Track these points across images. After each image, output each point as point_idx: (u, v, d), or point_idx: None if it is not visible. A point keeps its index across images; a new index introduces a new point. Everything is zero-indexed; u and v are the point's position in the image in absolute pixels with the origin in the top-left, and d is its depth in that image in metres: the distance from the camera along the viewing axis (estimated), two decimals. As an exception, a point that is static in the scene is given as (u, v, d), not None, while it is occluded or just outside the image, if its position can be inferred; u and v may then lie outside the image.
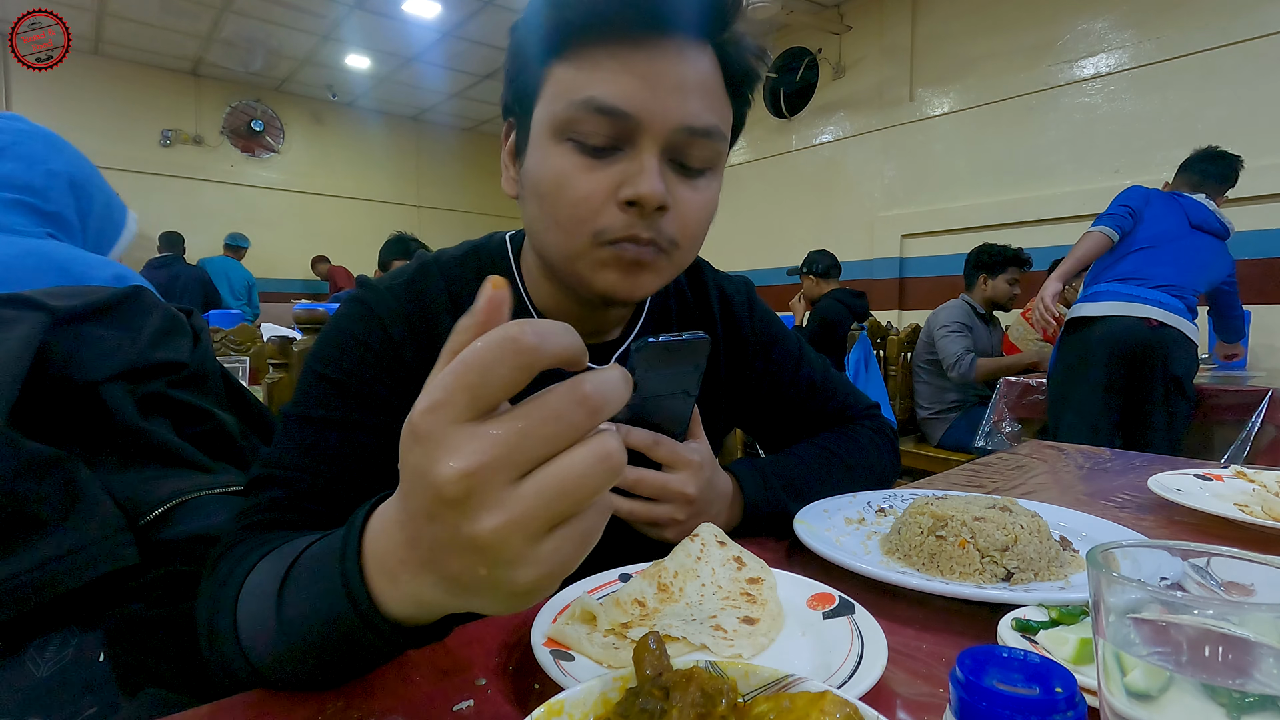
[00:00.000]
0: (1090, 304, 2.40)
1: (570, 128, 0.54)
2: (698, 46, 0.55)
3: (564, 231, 0.57)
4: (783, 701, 0.29)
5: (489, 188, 8.10)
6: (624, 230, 0.55)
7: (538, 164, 0.57)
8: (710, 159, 0.58)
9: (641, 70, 0.53)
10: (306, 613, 0.37)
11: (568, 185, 0.55)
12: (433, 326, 0.63)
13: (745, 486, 0.68)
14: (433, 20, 5.38)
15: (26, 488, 0.54)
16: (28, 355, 0.57)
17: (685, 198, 0.58)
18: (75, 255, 0.76)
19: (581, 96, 0.53)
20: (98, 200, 0.87)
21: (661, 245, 0.57)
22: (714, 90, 0.57)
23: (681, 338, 0.56)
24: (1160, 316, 2.27)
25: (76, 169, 0.84)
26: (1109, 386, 2.30)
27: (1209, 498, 0.79)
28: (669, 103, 0.54)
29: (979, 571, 0.55)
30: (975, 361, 2.91)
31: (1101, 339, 2.31)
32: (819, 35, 5.26)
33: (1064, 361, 2.43)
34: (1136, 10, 3.75)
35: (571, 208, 0.56)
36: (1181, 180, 2.51)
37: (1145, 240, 2.36)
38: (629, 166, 0.55)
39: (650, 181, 0.54)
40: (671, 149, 0.56)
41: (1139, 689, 0.25)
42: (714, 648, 0.43)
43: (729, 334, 0.79)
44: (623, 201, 0.54)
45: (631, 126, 0.54)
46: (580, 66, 0.54)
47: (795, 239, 5.35)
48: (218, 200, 6.63)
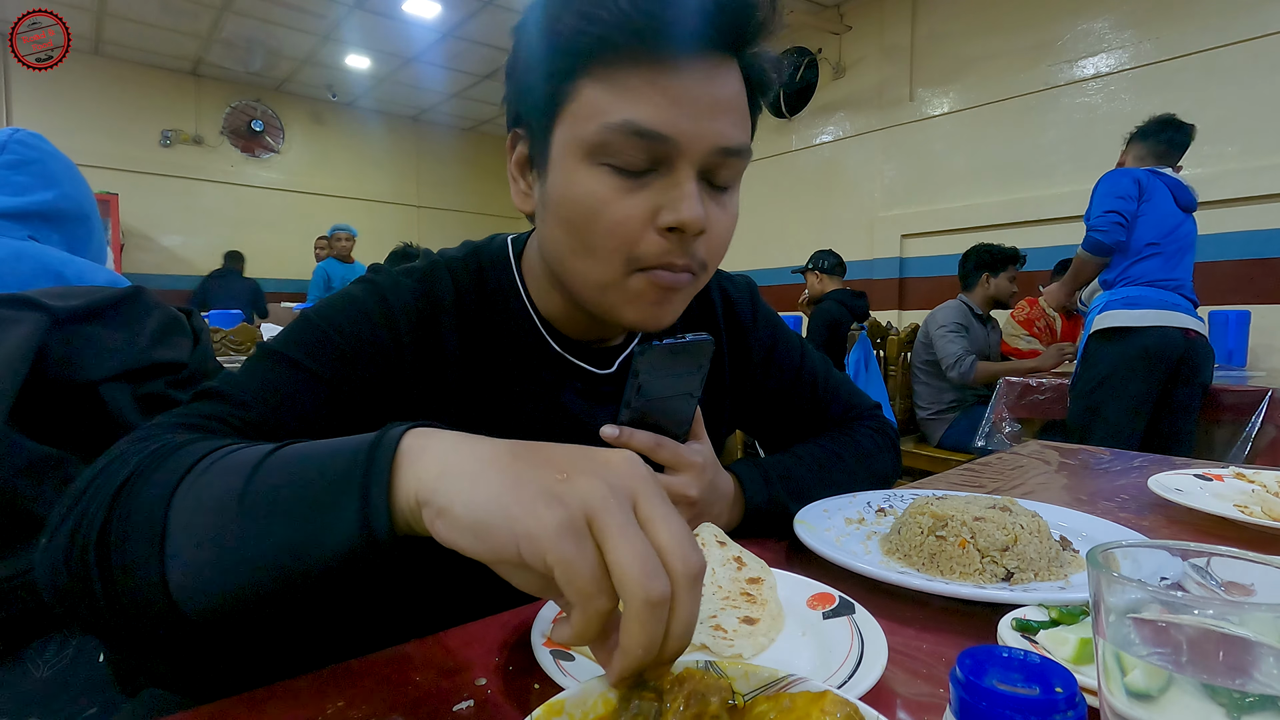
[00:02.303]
0: (1125, 311, 2.24)
1: (604, 151, 0.52)
2: (727, 63, 0.54)
3: (597, 259, 0.55)
4: (783, 701, 0.29)
5: (489, 188, 8.09)
6: (660, 257, 0.54)
7: (565, 187, 0.55)
8: (736, 176, 0.58)
9: (676, 93, 0.51)
10: (286, 485, 0.37)
11: (604, 211, 0.53)
12: (436, 325, 0.62)
13: (746, 487, 0.68)
14: (433, 20, 5.38)
15: (26, 488, 0.55)
16: (28, 355, 0.58)
17: (716, 218, 0.57)
18: (67, 259, 0.76)
19: (618, 120, 0.51)
20: (95, 234, 0.89)
21: (693, 270, 0.57)
22: (741, 107, 0.56)
23: (685, 339, 0.56)
24: (1197, 327, 2.20)
25: (89, 203, 0.87)
26: (1145, 398, 2.20)
27: (1209, 498, 0.79)
28: (705, 125, 0.52)
29: (979, 571, 0.55)
30: (975, 363, 2.90)
31: (1141, 352, 2.19)
32: (819, 35, 5.26)
33: (1094, 371, 2.29)
34: (1136, 10, 3.75)
35: (607, 234, 0.54)
36: (1144, 150, 2.37)
37: (1158, 233, 2.24)
38: (667, 190, 0.53)
39: (693, 207, 0.52)
40: (705, 170, 0.55)
41: (1139, 689, 0.25)
42: (714, 648, 0.43)
43: (732, 334, 0.79)
44: (662, 228, 0.53)
45: (669, 149, 0.52)
46: (612, 87, 0.52)
47: (795, 239, 5.35)
48: (218, 200, 6.62)
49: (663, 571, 0.29)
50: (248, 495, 0.37)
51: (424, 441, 0.36)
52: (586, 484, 0.30)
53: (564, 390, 0.67)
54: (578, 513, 0.29)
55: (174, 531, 0.38)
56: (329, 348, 0.57)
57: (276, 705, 0.40)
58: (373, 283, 0.62)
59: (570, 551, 0.29)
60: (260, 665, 0.45)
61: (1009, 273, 3.06)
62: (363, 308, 0.60)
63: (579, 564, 0.29)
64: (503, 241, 0.71)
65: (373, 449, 0.35)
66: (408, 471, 0.34)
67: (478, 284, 0.66)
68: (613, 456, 0.33)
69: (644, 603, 0.28)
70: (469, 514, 0.31)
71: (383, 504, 0.34)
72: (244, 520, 0.37)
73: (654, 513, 0.31)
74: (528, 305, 0.67)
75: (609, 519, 0.29)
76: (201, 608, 0.38)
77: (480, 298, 0.66)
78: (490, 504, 0.31)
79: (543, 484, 0.31)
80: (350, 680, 0.42)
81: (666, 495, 0.33)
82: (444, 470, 0.33)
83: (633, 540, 0.29)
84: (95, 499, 0.40)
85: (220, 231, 6.48)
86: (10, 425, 0.55)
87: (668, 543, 0.30)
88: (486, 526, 0.30)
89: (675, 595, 0.29)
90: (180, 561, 0.37)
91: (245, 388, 0.53)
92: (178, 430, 0.48)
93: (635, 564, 0.28)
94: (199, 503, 0.38)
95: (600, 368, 0.69)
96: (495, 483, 0.31)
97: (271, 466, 0.38)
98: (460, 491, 0.32)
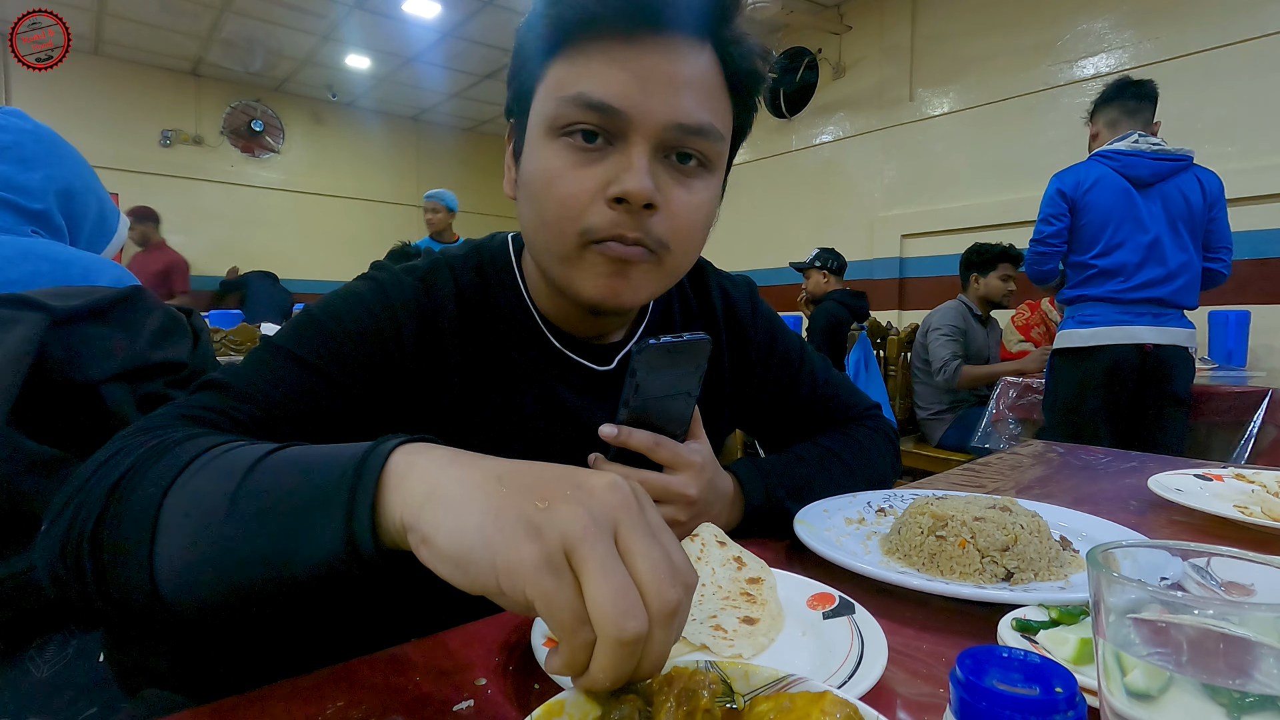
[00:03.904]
0: (1080, 330, 2.23)
1: (560, 124, 0.54)
2: (696, 44, 0.55)
3: (552, 230, 0.57)
4: (783, 701, 0.29)
5: (489, 188, 8.09)
6: (610, 229, 0.55)
7: (530, 163, 0.57)
8: (707, 158, 0.57)
9: (633, 66, 0.52)
10: (276, 492, 0.37)
11: (557, 182, 0.55)
12: (437, 322, 0.63)
13: (746, 486, 0.68)
14: (433, 20, 5.37)
15: (27, 487, 0.55)
16: (28, 355, 0.57)
17: (677, 197, 0.57)
18: (74, 256, 0.76)
19: (571, 92, 0.53)
20: (91, 207, 0.86)
21: (650, 246, 0.56)
22: (710, 89, 0.56)
23: (683, 338, 0.56)
24: (1154, 338, 2.13)
25: (75, 175, 0.83)
26: (1110, 415, 2.19)
27: (1209, 498, 0.79)
28: (660, 99, 0.53)
29: (979, 571, 0.55)
30: (960, 368, 2.93)
31: (1095, 372, 2.18)
32: (819, 35, 5.26)
33: (1059, 393, 2.30)
34: (1136, 10, 3.75)
35: (559, 205, 0.55)
36: (1114, 113, 2.25)
37: (1108, 234, 2.14)
38: (618, 163, 0.54)
39: (637, 178, 0.53)
40: (664, 147, 0.55)
41: (1139, 689, 0.25)
42: (714, 648, 0.43)
43: (731, 334, 0.79)
44: (610, 199, 0.54)
45: (621, 123, 0.53)
46: (574, 65, 0.54)
47: (795, 239, 5.34)
48: (217, 200, 6.62)
49: (639, 607, 0.28)
50: (238, 498, 0.37)
51: (412, 459, 0.36)
52: (567, 513, 0.30)
53: (563, 386, 0.67)
54: (556, 546, 0.29)
55: (164, 528, 0.38)
56: (331, 343, 0.57)
57: (276, 705, 0.40)
58: (375, 279, 0.63)
59: (549, 587, 0.28)
60: (260, 665, 0.45)
61: (1000, 272, 3.06)
62: (365, 304, 0.60)
63: (558, 599, 0.28)
64: (503, 240, 0.71)
65: (361, 464, 0.35)
66: (394, 493, 0.34)
67: (478, 281, 0.67)
68: (597, 482, 0.32)
69: (616, 642, 0.28)
70: (451, 545, 0.31)
71: (367, 522, 0.34)
72: (232, 524, 0.37)
73: (635, 544, 0.30)
74: (528, 302, 0.67)
75: (587, 552, 0.29)
76: (189, 605, 0.39)
77: (481, 295, 0.66)
78: (472, 535, 0.31)
79: (524, 513, 0.30)
80: (350, 680, 0.42)
81: (650, 522, 0.32)
82: (429, 493, 0.33)
83: (610, 575, 0.29)
84: (94, 490, 0.41)
85: (220, 231, 6.47)
86: (11, 425, 0.55)
87: (646, 575, 0.29)
88: (468, 559, 0.30)
89: (650, 630, 0.29)
90: (168, 559, 0.38)
91: (246, 380, 0.54)
92: (181, 422, 0.48)
93: (610, 601, 0.28)
94: (191, 502, 0.39)
95: (599, 364, 0.69)
96: (478, 511, 0.31)
97: (264, 471, 0.38)
98: (444, 520, 0.32)
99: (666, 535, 0.32)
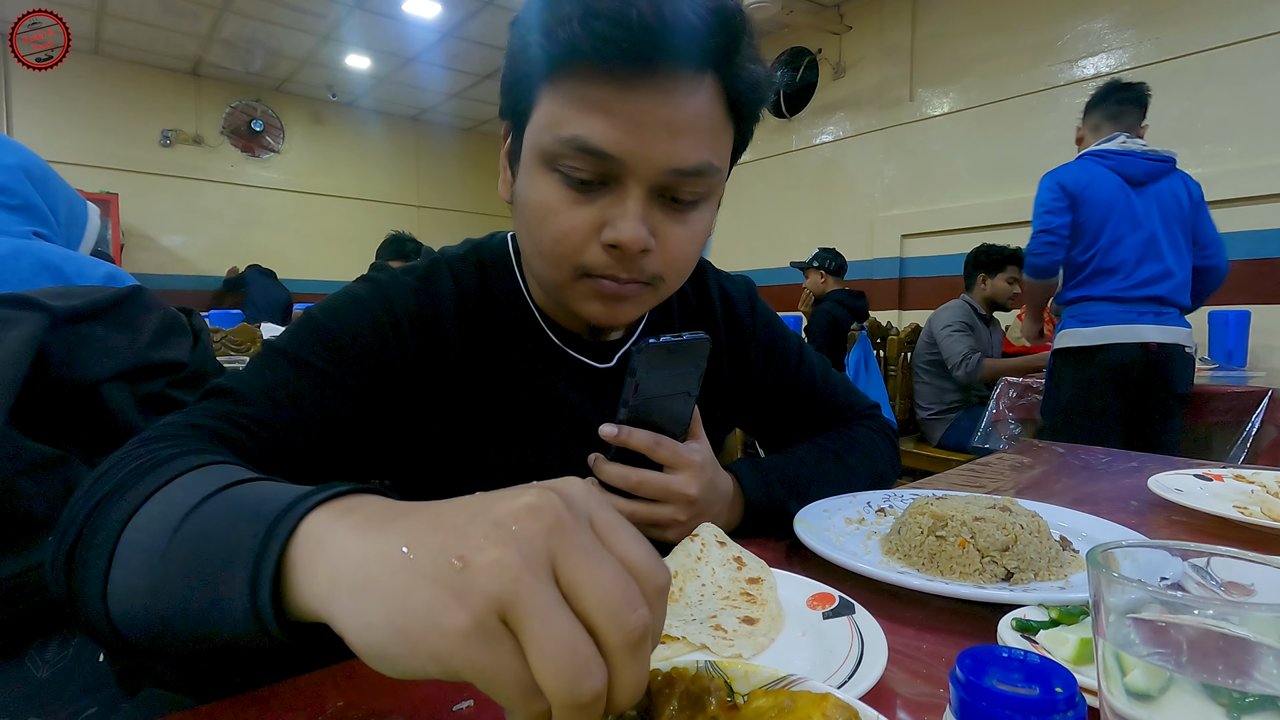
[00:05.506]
0: (1083, 329, 2.18)
1: (556, 161, 0.54)
2: (693, 80, 0.53)
3: (548, 261, 0.57)
4: (783, 700, 0.29)
5: (489, 188, 8.08)
6: (604, 269, 0.56)
7: (524, 189, 0.58)
8: (702, 193, 0.57)
9: (629, 111, 0.51)
10: (207, 538, 0.34)
11: (552, 219, 0.55)
12: (438, 322, 0.63)
13: (746, 486, 0.68)
14: (433, 20, 5.37)
15: (26, 487, 0.55)
16: (28, 355, 0.57)
17: (671, 234, 0.57)
18: (67, 255, 0.76)
19: (567, 134, 0.52)
20: (60, 194, 0.84)
21: (644, 280, 0.58)
22: (708, 126, 0.55)
23: (682, 338, 0.56)
24: (1159, 337, 2.10)
25: (30, 162, 0.81)
26: (1113, 417, 2.15)
27: (1209, 498, 0.79)
28: (655, 146, 0.52)
29: (979, 571, 0.55)
30: (982, 361, 2.89)
31: (1098, 373, 2.13)
32: (819, 35, 5.26)
33: (1059, 391, 2.25)
34: (1136, 10, 3.75)
35: (554, 242, 0.56)
36: (1099, 117, 2.26)
37: (1106, 233, 2.12)
38: (612, 206, 0.54)
39: (631, 227, 0.53)
40: (659, 188, 0.55)
41: (1139, 689, 0.25)
42: (714, 648, 0.43)
43: (730, 334, 0.79)
44: (605, 243, 0.54)
45: (616, 168, 0.53)
46: (569, 101, 0.52)
47: (795, 239, 5.34)
48: (218, 200, 6.62)
49: (594, 658, 0.25)
50: (175, 539, 0.35)
51: (322, 533, 0.31)
52: (489, 565, 0.25)
53: (563, 383, 0.67)
54: (484, 610, 0.24)
55: (119, 558, 0.37)
56: (333, 345, 0.58)
57: (276, 705, 0.40)
58: (375, 281, 0.63)
59: (484, 661, 0.24)
60: (260, 665, 0.45)
61: (1007, 274, 3.06)
62: (365, 306, 0.61)
63: (497, 673, 0.24)
64: (503, 239, 0.71)
65: (268, 536, 0.31)
66: (303, 572, 0.30)
67: (478, 281, 0.67)
68: (520, 509, 0.26)
69: (571, 708, 0.24)
70: (365, 643, 0.27)
71: (268, 602, 0.30)
72: (166, 565, 0.35)
73: (578, 572, 0.26)
74: (528, 300, 0.68)
75: (522, 608, 0.24)
76: (138, 637, 0.37)
77: (481, 294, 0.66)
78: (382, 630, 0.26)
79: (438, 582, 0.25)
80: (350, 680, 0.42)
81: (596, 530, 0.28)
82: (333, 581, 0.29)
83: (553, 627, 0.24)
84: (80, 509, 0.40)
85: (220, 231, 6.47)
86: (11, 425, 0.55)
87: (598, 608, 0.25)
88: (387, 656, 0.26)
89: (613, 669, 0.25)
90: (116, 590, 0.37)
91: (252, 385, 0.54)
92: (186, 432, 0.48)
93: (556, 662, 0.24)
94: (143, 532, 0.37)
95: (599, 361, 0.69)
96: (385, 598, 0.26)
97: (204, 513, 0.35)
98: (351, 613, 0.27)
99: (620, 534, 0.28)
